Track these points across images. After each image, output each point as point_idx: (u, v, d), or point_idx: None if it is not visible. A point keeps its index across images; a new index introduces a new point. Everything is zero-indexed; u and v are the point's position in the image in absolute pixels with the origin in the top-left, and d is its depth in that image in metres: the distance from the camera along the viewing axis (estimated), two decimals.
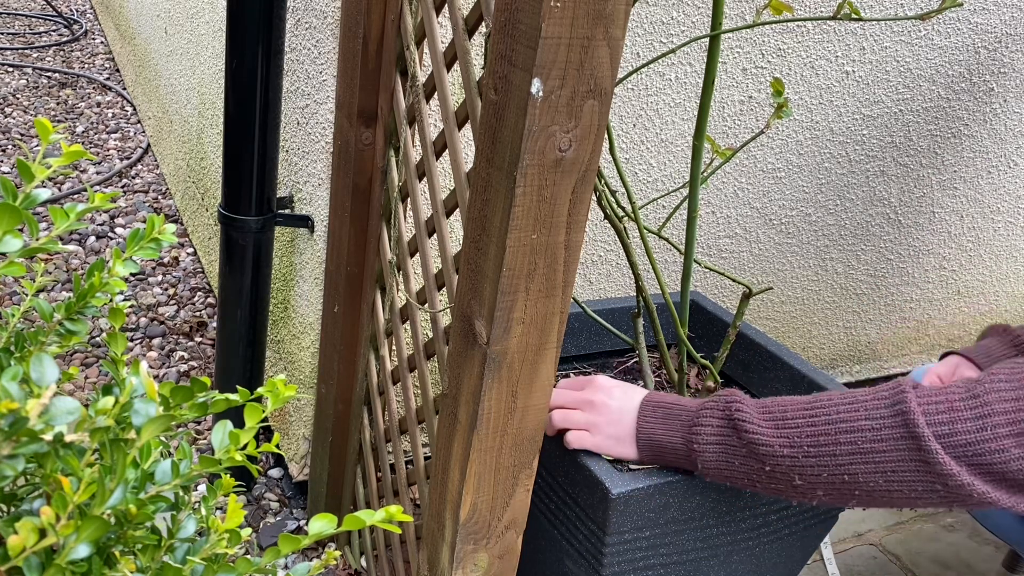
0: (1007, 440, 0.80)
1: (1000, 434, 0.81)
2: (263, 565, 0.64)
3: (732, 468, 0.96)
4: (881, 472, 0.86)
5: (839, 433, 0.88)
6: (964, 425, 0.82)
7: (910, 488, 0.85)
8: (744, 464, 0.94)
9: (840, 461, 0.88)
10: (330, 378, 1.40)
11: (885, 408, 0.87)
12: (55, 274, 2.24)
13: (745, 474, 0.95)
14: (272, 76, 1.32)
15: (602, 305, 1.45)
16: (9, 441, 0.49)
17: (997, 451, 0.80)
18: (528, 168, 0.71)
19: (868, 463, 0.86)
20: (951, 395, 0.84)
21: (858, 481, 0.87)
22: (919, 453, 0.83)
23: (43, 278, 0.74)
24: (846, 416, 0.88)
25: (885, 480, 0.86)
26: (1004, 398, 0.82)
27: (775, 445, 0.91)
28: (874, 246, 2.01)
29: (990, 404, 0.82)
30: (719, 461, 0.97)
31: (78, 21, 4.43)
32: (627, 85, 1.52)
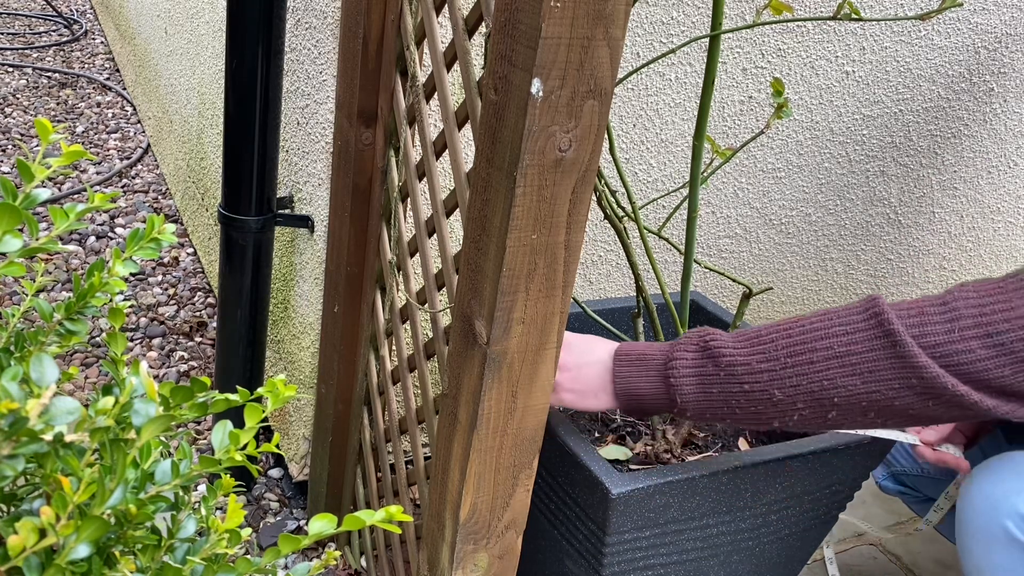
0: (973, 342, 0.84)
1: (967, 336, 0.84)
2: (263, 565, 0.64)
3: (711, 397, 0.95)
4: (858, 374, 0.88)
5: (815, 340, 0.90)
6: (934, 327, 0.86)
7: (887, 386, 0.87)
8: (723, 390, 0.94)
9: (818, 368, 0.89)
10: (330, 378, 1.40)
11: (858, 314, 0.89)
12: (55, 274, 2.24)
13: (724, 401, 0.94)
14: (272, 76, 1.32)
15: (602, 305, 1.45)
16: (9, 441, 0.49)
17: (964, 351, 0.84)
18: (528, 168, 0.71)
19: (845, 366, 0.88)
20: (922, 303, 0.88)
21: (836, 385, 0.89)
22: (894, 349, 0.86)
23: (43, 278, 0.74)
24: (820, 326, 0.91)
25: (863, 381, 0.87)
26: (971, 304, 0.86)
27: (752, 362, 0.92)
28: (874, 246, 2.01)
29: (958, 309, 0.86)
30: (697, 393, 0.96)
31: (78, 21, 4.43)
32: (627, 85, 1.52)
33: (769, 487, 1.15)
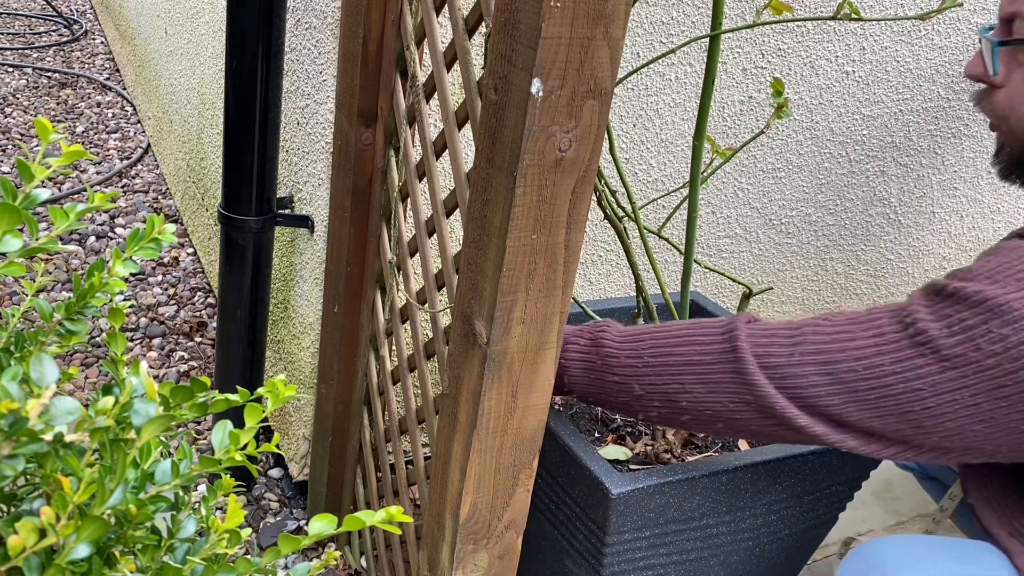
0: (810, 367, 0.88)
1: (805, 361, 0.89)
2: (263, 565, 0.64)
3: (589, 381, 1.02)
4: (705, 384, 0.93)
5: (676, 345, 0.96)
6: (778, 350, 0.90)
7: (728, 399, 0.92)
8: (598, 378, 1.01)
9: (673, 371, 0.96)
10: (330, 378, 1.40)
11: (718, 328, 0.95)
12: (55, 274, 2.24)
13: (599, 387, 1.02)
14: (272, 76, 1.32)
15: (602, 305, 1.45)
16: (9, 441, 0.49)
17: (800, 375, 0.88)
18: (528, 168, 0.71)
19: (695, 374, 0.94)
20: (778, 327, 0.93)
21: (686, 391, 0.95)
22: (735, 364, 0.91)
23: (43, 278, 0.74)
24: (685, 334, 0.97)
25: (709, 391, 0.93)
26: (820, 331, 0.90)
27: (622, 356, 0.99)
28: (874, 246, 2.01)
29: (805, 335, 0.90)
30: (580, 375, 1.03)
31: (78, 21, 4.43)
32: (627, 85, 1.52)
33: (769, 487, 1.15)
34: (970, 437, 0.86)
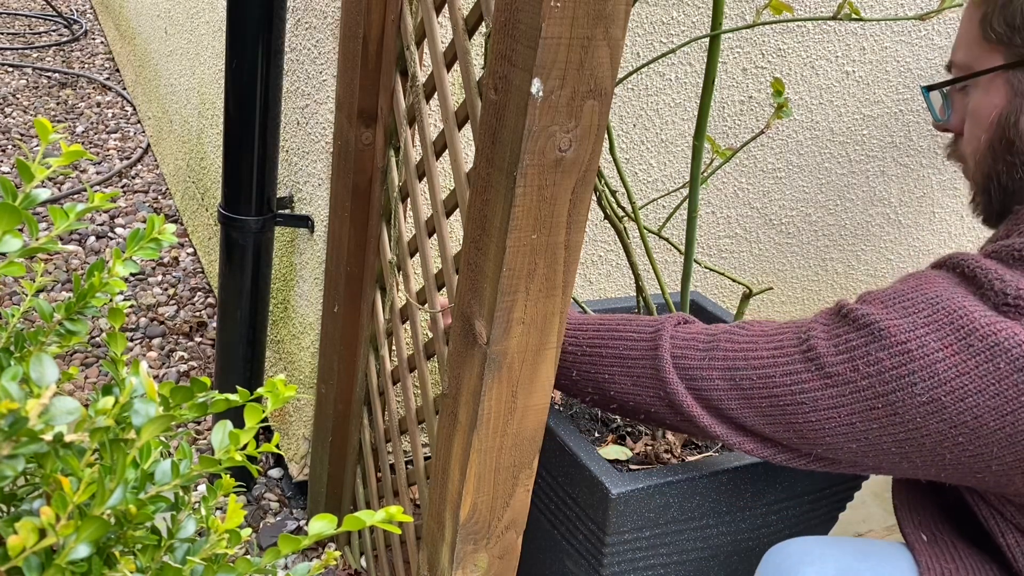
0: (715, 372, 0.95)
1: (714, 366, 0.95)
2: (263, 565, 0.64)
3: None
4: (629, 377, 1.01)
5: (611, 339, 1.04)
6: (693, 353, 0.97)
7: (646, 394, 1.00)
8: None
9: (605, 362, 1.03)
10: (330, 378, 1.40)
11: (648, 326, 1.02)
12: (55, 274, 2.24)
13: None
14: (272, 76, 1.32)
15: (602, 305, 1.45)
16: (9, 441, 0.49)
17: (707, 379, 0.95)
18: (528, 168, 0.71)
19: (623, 367, 1.02)
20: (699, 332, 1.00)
21: (614, 382, 1.03)
22: (654, 362, 0.99)
23: (43, 278, 0.74)
24: (621, 329, 1.04)
25: (632, 384, 1.01)
26: (733, 340, 0.96)
27: (567, 343, 1.07)
28: (874, 246, 2.01)
29: (719, 343, 0.97)
30: None
31: (78, 21, 4.43)
32: (627, 85, 1.52)
33: (769, 487, 1.15)
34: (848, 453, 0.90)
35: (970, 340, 0.80)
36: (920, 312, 0.84)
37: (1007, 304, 0.81)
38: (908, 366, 0.82)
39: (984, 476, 0.85)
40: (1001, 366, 0.78)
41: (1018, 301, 0.80)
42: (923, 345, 0.82)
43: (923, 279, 0.88)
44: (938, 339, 0.81)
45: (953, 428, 0.81)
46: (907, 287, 0.87)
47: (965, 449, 0.82)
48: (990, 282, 0.83)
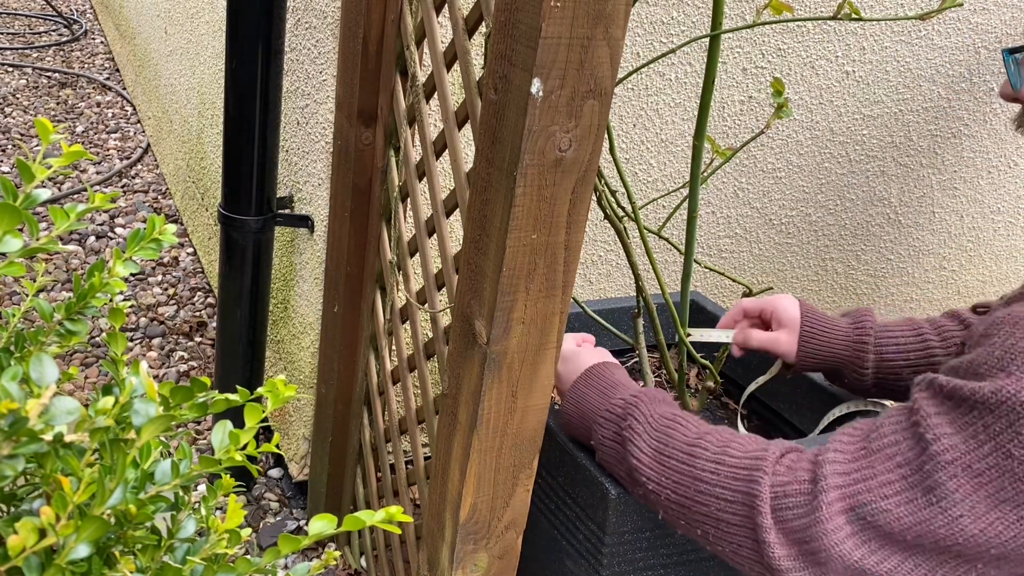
0: (839, 518, 0.80)
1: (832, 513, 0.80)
2: (263, 565, 0.64)
3: (618, 473, 1.01)
4: (727, 542, 0.88)
5: (698, 493, 0.89)
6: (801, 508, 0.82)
7: (749, 567, 0.87)
8: (627, 477, 0.98)
9: (695, 517, 0.90)
10: (330, 378, 1.40)
11: (740, 482, 0.87)
12: (55, 274, 2.24)
13: (628, 484, 1.00)
14: (272, 76, 1.32)
15: (602, 305, 1.45)
16: (9, 441, 0.49)
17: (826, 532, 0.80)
18: (528, 168, 0.71)
19: (718, 529, 0.88)
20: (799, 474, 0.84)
21: (709, 540, 0.90)
22: (756, 541, 0.84)
23: (43, 278, 0.74)
24: (711, 478, 0.89)
25: (732, 550, 0.88)
26: (838, 471, 0.82)
27: (645, 476, 0.94)
28: (874, 246, 2.01)
29: (826, 477, 0.82)
30: (610, 462, 1.01)
31: (78, 21, 4.43)
32: (627, 85, 1.52)
33: None
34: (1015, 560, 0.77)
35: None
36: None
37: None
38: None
39: None
40: None
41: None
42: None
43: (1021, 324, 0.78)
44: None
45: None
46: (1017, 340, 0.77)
47: None
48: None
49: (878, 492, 0.79)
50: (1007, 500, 0.75)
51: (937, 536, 0.77)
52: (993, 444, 0.75)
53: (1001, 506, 0.75)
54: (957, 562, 0.78)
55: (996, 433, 0.75)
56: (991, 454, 0.75)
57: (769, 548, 0.83)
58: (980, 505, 0.75)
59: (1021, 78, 0.99)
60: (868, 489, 0.80)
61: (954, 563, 0.78)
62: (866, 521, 0.79)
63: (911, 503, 0.78)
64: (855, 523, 0.80)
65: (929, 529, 0.77)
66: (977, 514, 0.75)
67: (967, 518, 0.76)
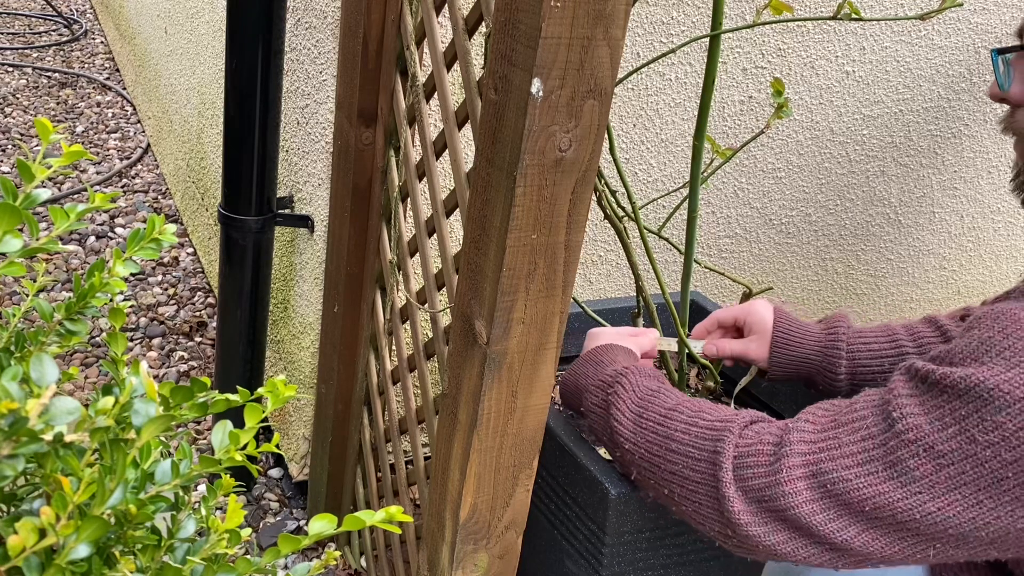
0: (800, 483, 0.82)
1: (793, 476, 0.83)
2: (263, 565, 0.64)
3: (602, 438, 1.05)
4: (690, 500, 0.91)
5: (668, 452, 0.93)
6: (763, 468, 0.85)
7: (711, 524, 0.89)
8: (609, 441, 1.03)
9: (664, 476, 0.94)
10: (330, 378, 1.40)
11: (708, 442, 0.90)
12: (55, 274, 2.24)
13: (608, 446, 1.05)
14: (272, 76, 1.32)
15: (602, 305, 1.45)
16: (9, 441, 0.49)
17: (786, 494, 0.82)
18: (528, 168, 0.71)
19: (683, 487, 0.91)
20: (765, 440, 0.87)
21: (674, 499, 0.93)
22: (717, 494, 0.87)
23: (43, 278, 0.74)
24: (681, 437, 0.93)
25: (694, 508, 0.90)
26: (805, 439, 0.84)
27: (623, 437, 0.98)
28: (874, 246, 2.01)
29: (792, 445, 0.84)
30: (596, 426, 1.06)
31: (78, 21, 4.43)
32: (627, 85, 1.52)
33: None
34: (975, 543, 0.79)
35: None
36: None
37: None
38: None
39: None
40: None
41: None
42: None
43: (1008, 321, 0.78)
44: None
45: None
46: (994, 334, 0.78)
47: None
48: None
49: (840, 462, 0.81)
50: (968, 483, 0.76)
51: (895, 511, 0.78)
52: (958, 428, 0.76)
53: (961, 488, 0.76)
54: (916, 539, 0.80)
55: (962, 418, 0.76)
56: (955, 437, 0.76)
57: (728, 502, 0.85)
58: (940, 486, 0.77)
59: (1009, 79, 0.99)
60: (831, 458, 0.82)
61: (912, 540, 0.80)
62: (826, 489, 0.81)
63: (872, 476, 0.79)
64: (815, 489, 0.82)
65: (887, 502, 0.78)
66: (936, 494, 0.77)
67: (926, 496, 0.77)
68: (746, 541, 0.85)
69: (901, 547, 0.80)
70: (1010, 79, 0.98)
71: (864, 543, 0.81)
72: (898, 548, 0.80)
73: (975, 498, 0.76)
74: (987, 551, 0.80)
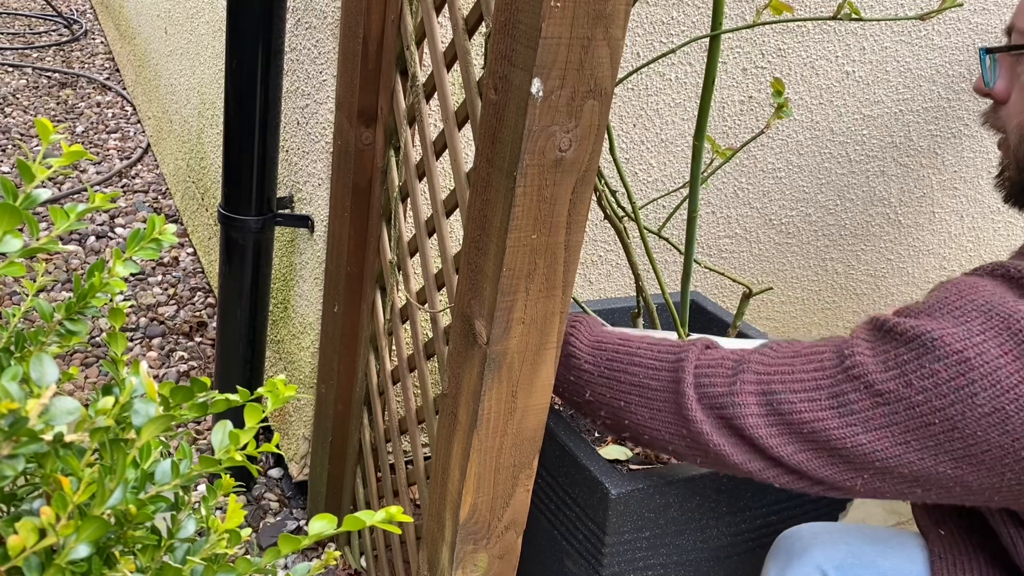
0: (749, 397, 0.89)
1: (746, 390, 0.89)
2: (263, 565, 0.64)
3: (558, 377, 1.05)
4: (647, 408, 0.96)
5: (630, 364, 0.98)
6: (720, 379, 0.91)
7: (665, 428, 0.95)
8: (563, 374, 1.03)
9: (622, 388, 0.98)
10: (330, 378, 1.40)
11: (670, 353, 0.96)
12: (55, 274, 2.24)
13: (562, 383, 1.05)
14: (272, 76, 1.32)
15: (602, 305, 1.45)
16: (9, 441, 0.49)
17: (737, 404, 0.89)
18: (528, 168, 0.71)
19: (641, 396, 0.96)
20: (725, 356, 0.94)
21: (630, 410, 0.97)
22: (676, 396, 0.93)
23: (43, 278, 0.74)
24: (642, 354, 0.98)
25: (650, 416, 0.96)
26: (764, 362, 0.91)
27: (582, 360, 1.01)
28: (874, 246, 2.01)
29: (749, 364, 0.91)
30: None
31: (78, 21, 4.43)
32: (627, 85, 1.52)
33: (769, 487, 1.15)
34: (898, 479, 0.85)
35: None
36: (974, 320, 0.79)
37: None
38: (967, 376, 0.77)
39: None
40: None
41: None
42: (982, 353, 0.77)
43: (966, 286, 0.83)
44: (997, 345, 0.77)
45: (1017, 440, 0.77)
46: (951, 295, 0.83)
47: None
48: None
49: (790, 386, 0.87)
50: (898, 424, 0.82)
51: (830, 437, 0.84)
52: (898, 371, 0.81)
53: (892, 427, 0.82)
54: (845, 466, 0.86)
55: (903, 362, 0.81)
56: (894, 379, 0.81)
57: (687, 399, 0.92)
58: (873, 422, 0.83)
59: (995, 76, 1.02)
60: (782, 382, 0.88)
61: (842, 466, 0.86)
62: (772, 407, 0.87)
63: (814, 403, 0.85)
64: (763, 406, 0.88)
65: (823, 428, 0.85)
66: (868, 428, 0.83)
67: (858, 428, 0.83)
68: (699, 439, 0.91)
69: (831, 472, 0.86)
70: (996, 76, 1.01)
71: (799, 462, 0.87)
72: (829, 472, 0.87)
73: (903, 438, 0.82)
74: (911, 488, 0.85)
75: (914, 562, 1.01)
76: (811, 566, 1.02)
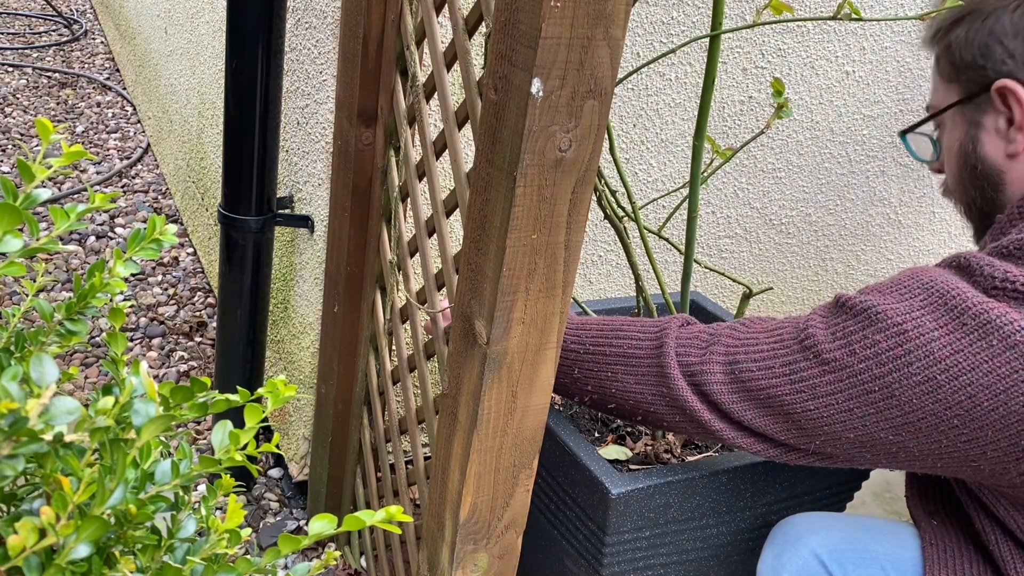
0: (717, 366, 0.96)
1: (714, 360, 0.96)
2: (263, 565, 0.64)
3: None
4: (632, 375, 1.02)
5: (615, 338, 1.05)
6: (695, 350, 0.99)
7: (648, 392, 1.01)
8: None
9: (608, 360, 1.04)
10: (330, 378, 1.40)
11: (653, 326, 1.04)
12: (55, 274, 2.24)
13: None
14: (272, 76, 1.32)
15: (602, 305, 1.45)
16: (9, 441, 0.49)
17: (707, 372, 0.96)
18: (528, 168, 0.71)
19: (627, 365, 1.03)
20: (702, 330, 1.01)
21: (616, 380, 1.03)
22: (659, 359, 1.00)
23: (43, 278, 0.74)
24: (627, 329, 1.05)
25: (636, 383, 1.02)
26: (733, 335, 0.98)
27: (570, 342, 1.07)
28: (874, 246, 2.01)
29: (721, 337, 0.99)
30: None
31: (78, 21, 4.43)
32: (627, 85, 1.52)
33: (769, 487, 1.15)
34: (846, 444, 0.91)
35: (963, 319, 0.82)
36: (916, 296, 0.86)
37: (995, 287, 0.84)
38: (904, 346, 0.84)
39: (980, 464, 0.86)
40: (994, 343, 0.81)
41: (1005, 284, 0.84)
42: (919, 326, 0.84)
43: (920, 270, 0.90)
44: (933, 319, 0.83)
45: (948, 409, 0.83)
46: (903, 276, 0.90)
47: (961, 433, 0.84)
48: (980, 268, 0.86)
49: (751, 356, 0.95)
50: (842, 391, 0.88)
51: (783, 403, 0.91)
52: (844, 341, 0.88)
53: (836, 395, 0.88)
54: (799, 431, 0.92)
55: (849, 333, 0.88)
56: (840, 349, 0.88)
57: (668, 358, 0.99)
58: (820, 388, 0.89)
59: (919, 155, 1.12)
60: (746, 353, 0.95)
61: (797, 431, 0.92)
62: (735, 375, 0.95)
63: (770, 371, 0.93)
64: (727, 375, 0.95)
65: (777, 394, 0.91)
66: (816, 395, 0.89)
67: (807, 395, 0.89)
68: (679, 401, 0.97)
69: (788, 436, 0.93)
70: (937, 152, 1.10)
71: (760, 425, 0.94)
72: (787, 436, 0.93)
73: (846, 405, 0.88)
74: (861, 453, 0.91)
75: (906, 548, 1.04)
76: (806, 551, 1.06)
